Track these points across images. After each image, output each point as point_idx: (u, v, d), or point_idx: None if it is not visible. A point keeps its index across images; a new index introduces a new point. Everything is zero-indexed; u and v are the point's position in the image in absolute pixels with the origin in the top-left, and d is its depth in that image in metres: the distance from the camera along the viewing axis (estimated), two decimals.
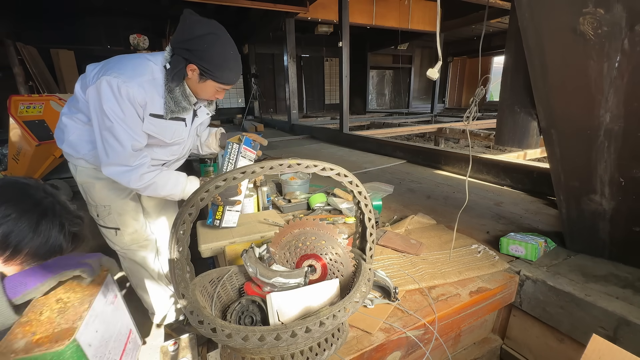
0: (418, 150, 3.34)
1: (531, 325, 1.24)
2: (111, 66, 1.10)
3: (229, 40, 1.13)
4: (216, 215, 1.34)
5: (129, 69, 1.10)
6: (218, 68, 1.12)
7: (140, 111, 1.13)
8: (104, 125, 1.10)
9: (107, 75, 1.06)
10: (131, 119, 1.12)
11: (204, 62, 1.10)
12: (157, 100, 1.16)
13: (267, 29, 6.95)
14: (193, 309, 0.63)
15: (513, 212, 1.83)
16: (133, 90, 1.07)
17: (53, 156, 3.22)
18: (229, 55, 1.13)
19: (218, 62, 1.11)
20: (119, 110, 1.08)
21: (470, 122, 1.19)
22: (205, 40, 1.07)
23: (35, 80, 5.82)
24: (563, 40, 1.01)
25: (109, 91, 1.06)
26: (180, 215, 0.65)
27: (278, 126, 7.27)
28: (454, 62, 12.41)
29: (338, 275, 0.88)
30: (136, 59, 1.15)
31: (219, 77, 1.14)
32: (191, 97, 1.21)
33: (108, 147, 1.12)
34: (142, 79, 1.11)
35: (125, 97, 1.07)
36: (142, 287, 1.61)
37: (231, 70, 1.15)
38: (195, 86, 1.18)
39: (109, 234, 1.43)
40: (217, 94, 1.22)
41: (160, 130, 1.21)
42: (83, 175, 1.33)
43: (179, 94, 1.16)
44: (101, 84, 1.05)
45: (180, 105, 1.19)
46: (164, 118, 1.19)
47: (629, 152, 1.04)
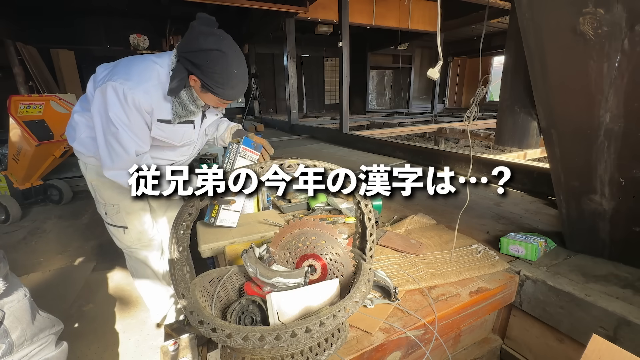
0: (418, 150, 3.34)
1: (531, 325, 1.24)
2: (118, 70, 1.10)
3: (235, 58, 1.09)
4: (212, 213, 1.35)
5: (135, 75, 1.09)
6: (220, 86, 1.09)
7: (147, 117, 1.13)
8: (109, 130, 1.10)
9: (113, 81, 1.05)
10: (136, 125, 1.12)
11: (205, 77, 1.07)
12: (163, 105, 1.15)
13: (267, 29, 6.95)
14: (193, 309, 0.63)
15: (513, 212, 1.83)
16: (139, 96, 1.07)
17: (53, 156, 3.22)
18: (232, 74, 1.09)
19: (220, 81, 1.08)
20: (125, 117, 1.08)
21: (470, 122, 1.19)
22: (210, 56, 1.04)
23: (35, 80, 5.82)
24: (563, 40, 1.01)
25: (115, 97, 1.06)
26: (180, 215, 0.65)
27: (278, 126, 7.28)
28: (454, 62, 12.41)
29: (338, 275, 0.88)
30: (143, 62, 1.14)
31: (220, 94, 1.12)
32: (199, 100, 1.19)
33: (113, 153, 1.13)
34: (148, 85, 1.10)
35: (132, 104, 1.07)
36: (145, 286, 1.61)
37: (233, 88, 1.12)
38: (198, 94, 1.17)
39: (117, 232, 1.43)
40: (219, 103, 1.21)
41: (169, 134, 1.22)
42: (93, 174, 1.34)
43: (186, 98, 1.15)
44: (107, 90, 1.05)
45: (187, 109, 1.17)
46: (172, 123, 1.19)
47: (629, 152, 1.04)
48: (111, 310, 1.95)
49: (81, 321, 1.84)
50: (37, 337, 0.75)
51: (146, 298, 1.67)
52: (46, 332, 0.78)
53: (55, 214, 3.43)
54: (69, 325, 1.77)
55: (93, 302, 2.01)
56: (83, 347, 1.65)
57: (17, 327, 0.70)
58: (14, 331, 0.69)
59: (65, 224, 3.18)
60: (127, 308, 1.98)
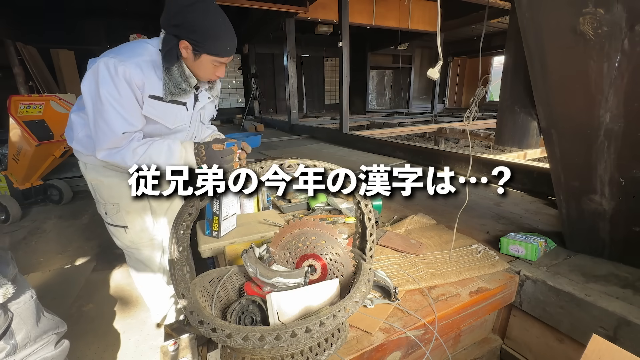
0: (418, 150, 3.34)
1: (531, 325, 1.24)
2: (109, 51, 1.11)
3: (215, 7, 1.09)
4: (213, 226, 1.33)
5: (126, 51, 1.10)
6: (208, 37, 1.08)
7: (138, 93, 1.12)
8: (97, 108, 1.09)
9: (105, 57, 1.05)
10: (127, 100, 1.10)
11: (193, 34, 1.07)
12: (155, 81, 1.14)
13: (267, 29, 6.95)
14: (193, 309, 0.63)
15: (513, 212, 1.83)
16: (130, 69, 1.06)
17: (53, 156, 3.22)
18: (217, 22, 1.09)
19: (207, 31, 1.07)
20: (115, 91, 1.07)
21: (470, 122, 1.19)
22: (191, 10, 1.04)
23: (35, 80, 5.82)
24: (563, 40, 1.01)
25: (106, 72, 1.05)
26: (180, 215, 0.65)
27: (278, 126, 7.27)
28: (454, 62, 12.41)
29: (338, 275, 0.88)
30: (134, 42, 1.15)
31: (211, 47, 1.10)
32: (191, 78, 1.18)
33: (99, 132, 1.11)
34: (140, 59, 1.10)
35: (122, 76, 1.06)
36: (145, 286, 1.61)
37: (223, 39, 1.11)
38: (193, 65, 1.15)
39: (117, 232, 1.43)
40: (216, 70, 1.19)
41: (161, 113, 1.19)
42: (92, 173, 1.33)
43: (177, 74, 1.14)
44: (99, 66, 1.05)
45: (179, 87, 1.16)
46: (164, 100, 1.17)
47: (629, 152, 1.04)
48: (111, 310, 1.95)
49: (81, 321, 1.84)
50: (40, 338, 0.75)
51: (146, 298, 1.67)
52: (49, 333, 0.78)
53: (55, 214, 3.43)
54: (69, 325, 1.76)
55: (93, 302, 2.01)
56: (83, 347, 1.65)
57: (22, 328, 0.70)
58: (19, 333, 0.69)
59: (65, 224, 3.18)
60: (127, 308, 1.98)
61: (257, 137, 4.58)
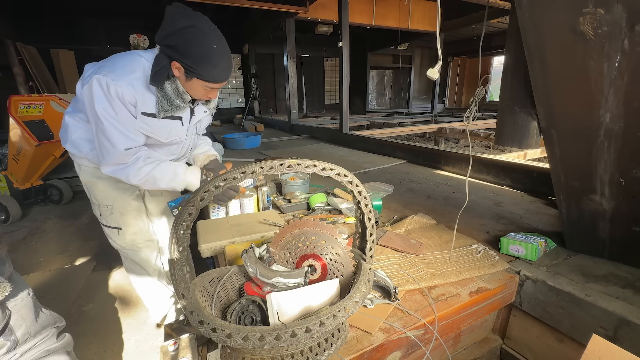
0: (418, 150, 3.34)
1: (531, 325, 1.24)
2: (103, 64, 1.10)
3: (212, 32, 1.05)
4: None
5: (119, 67, 1.08)
6: (200, 64, 1.04)
7: (132, 110, 1.11)
8: (97, 126, 1.10)
9: (98, 74, 1.05)
10: (123, 117, 1.10)
11: (185, 58, 1.03)
12: (148, 98, 1.12)
13: (267, 29, 6.95)
14: (193, 309, 0.63)
15: (513, 212, 1.83)
16: (121, 88, 1.05)
17: (53, 156, 3.22)
18: (212, 49, 1.04)
19: (200, 58, 1.04)
20: (111, 109, 1.07)
21: (470, 122, 1.19)
22: (185, 34, 1.01)
23: (35, 80, 5.82)
24: (563, 40, 1.01)
25: (100, 90, 1.05)
26: (180, 215, 0.65)
27: (278, 126, 7.27)
28: (454, 62, 12.41)
29: (338, 275, 0.88)
30: (128, 56, 1.13)
31: (203, 74, 1.07)
32: (185, 94, 1.15)
33: (103, 149, 1.12)
34: (132, 77, 1.08)
35: (115, 96, 1.06)
36: (142, 287, 1.61)
37: (215, 66, 1.07)
38: (185, 85, 1.13)
39: (112, 233, 1.43)
40: (208, 93, 1.17)
41: (154, 129, 1.18)
42: (86, 175, 1.34)
43: (171, 91, 1.12)
44: (92, 83, 1.05)
45: (173, 103, 1.14)
46: (157, 117, 1.16)
47: (629, 152, 1.04)
48: (111, 310, 1.95)
49: (81, 321, 1.84)
50: (40, 333, 0.76)
51: (144, 298, 1.67)
52: (49, 327, 0.80)
53: (55, 214, 3.43)
54: (69, 325, 1.76)
55: (93, 302, 2.01)
56: (83, 347, 1.65)
57: (22, 325, 0.71)
58: (18, 329, 0.70)
59: (65, 224, 3.18)
60: (127, 308, 1.98)
61: (257, 137, 4.60)
